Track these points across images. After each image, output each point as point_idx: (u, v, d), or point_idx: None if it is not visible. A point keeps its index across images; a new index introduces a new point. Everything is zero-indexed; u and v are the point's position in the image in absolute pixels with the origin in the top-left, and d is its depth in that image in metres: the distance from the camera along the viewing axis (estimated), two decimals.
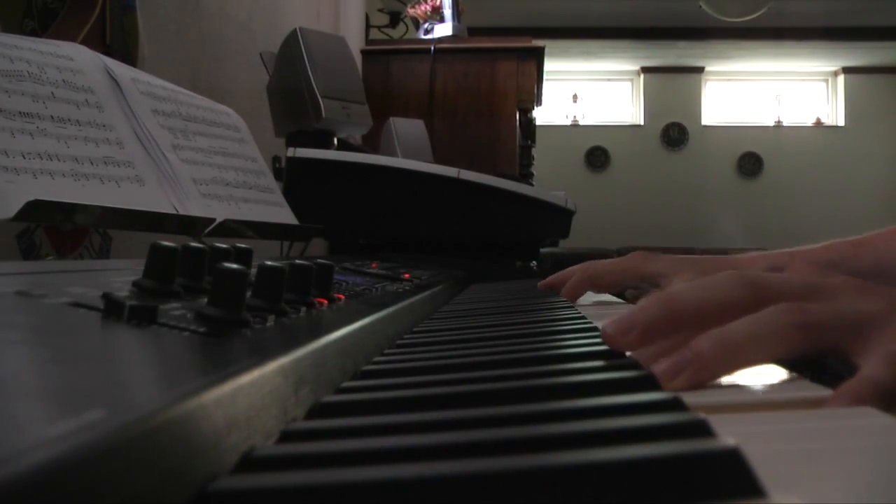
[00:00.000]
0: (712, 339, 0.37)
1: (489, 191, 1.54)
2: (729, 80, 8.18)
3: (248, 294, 0.37)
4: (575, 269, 0.88)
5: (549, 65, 3.95)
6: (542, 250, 1.71)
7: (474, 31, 4.02)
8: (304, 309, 0.44)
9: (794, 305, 0.39)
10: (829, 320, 0.39)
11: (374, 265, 0.98)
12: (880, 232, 0.79)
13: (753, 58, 7.73)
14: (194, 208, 0.87)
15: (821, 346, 0.38)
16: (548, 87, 4.45)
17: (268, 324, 0.37)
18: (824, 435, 0.27)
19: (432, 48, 3.32)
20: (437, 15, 3.63)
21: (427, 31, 3.59)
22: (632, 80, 8.19)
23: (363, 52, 3.32)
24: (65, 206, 0.68)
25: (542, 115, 5.53)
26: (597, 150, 8.00)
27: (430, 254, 1.46)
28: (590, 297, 0.93)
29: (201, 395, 0.22)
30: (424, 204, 1.55)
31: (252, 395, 0.26)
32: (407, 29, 3.87)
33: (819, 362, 0.48)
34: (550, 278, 0.96)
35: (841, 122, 8.07)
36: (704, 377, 0.36)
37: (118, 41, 1.26)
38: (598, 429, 0.24)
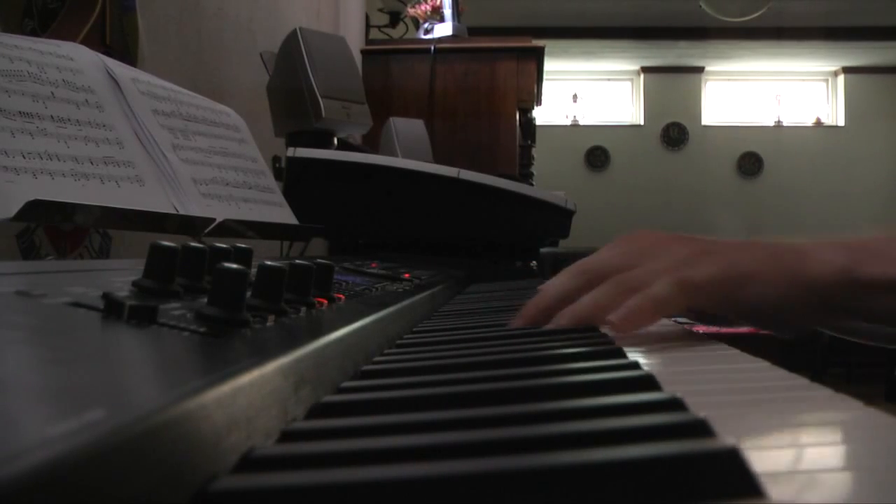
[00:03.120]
0: (567, 313, 0.55)
1: (489, 191, 1.54)
2: (729, 80, 8.18)
3: (248, 294, 0.37)
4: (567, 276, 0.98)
5: (549, 65, 3.95)
6: (542, 250, 1.71)
7: (474, 31, 4.02)
8: (304, 309, 0.44)
9: (613, 280, 0.55)
10: (638, 278, 0.54)
11: (374, 265, 0.98)
12: None
13: (753, 58, 7.73)
14: (194, 208, 0.87)
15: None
16: (548, 87, 4.45)
17: (268, 324, 0.37)
18: (823, 434, 0.27)
19: (432, 48, 3.32)
20: (437, 15, 3.62)
21: (427, 31, 3.59)
22: (632, 79, 8.19)
23: (363, 52, 3.32)
24: (65, 206, 0.68)
25: (542, 115, 5.53)
26: (597, 150, 8.00)
27: (430, 254, 1.46)
28: None
29: (201, 395, 0.22)
30: (424, 204, 1.55)
31: (252, 395, 0.26)
32: (407, 29, 3.87)
33: (818, 362, 0.49)
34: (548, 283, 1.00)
35: (841, 122, 8.07)
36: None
37: (118, 41, 1.26)
38: (598, 429, 0.24)
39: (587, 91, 8.13)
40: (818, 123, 8.12)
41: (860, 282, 0.54)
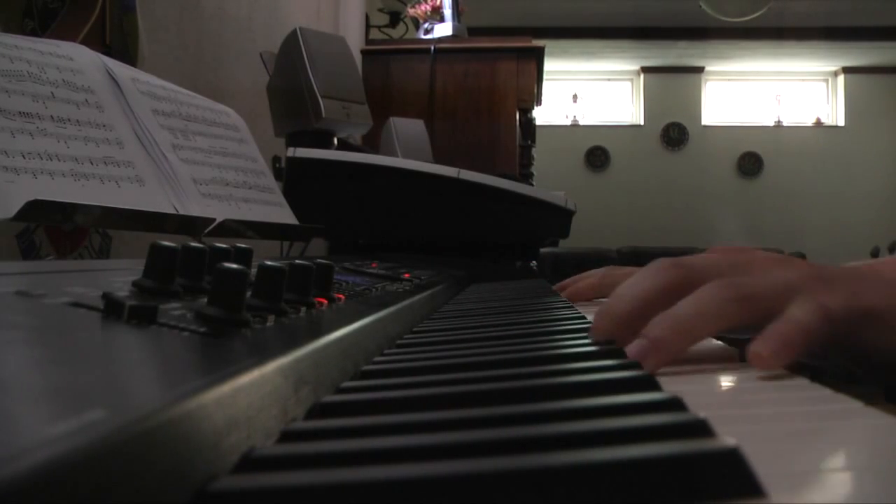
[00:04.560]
0: (664, 324, 0.42)
1: (489, 191, 1.54)
2: (729, 80, 8.18)
3: (248, 294, 0.37)
4: (596, 273, 0.90)
5: (549, 65, 3.95)
6: (542, 250, 1.71)
7: (474, 31, 4.02)
8: (304, 309, 0.44)
9: (727, 281, 0.44)
10: (760, 290, 0.43)
11: (374, 265, 0.98)
12: None
13: (753, 58, 7.73)
14: (194, 208, 0.87)
15: (758, 315, 0.42)
16: (548, 87, 4.45)
17: (268, 324, 0.37)
18: (823, 435, 0.27)
19: (432, 48, 3.32)
20: (437, 15, 3.63)
21: (427, 31, 3.59)
22: (632, 80, 8.19)
23: (363, 52, 3.32)
24: (65, 206, 0.68)
25: (542, 115, 5.53)
26: (597, 150, 8.00)
27: (430, 254, 1.46)
28: None
29: (201, 395, 0.22)
30: (424, 204, 1.55)
31: (252, 395, 0.26)
32: (407, 29, 3.87)
33: (818, 362, 0.48)
34: (566, 282, 0.98)
35: (841, 122, 8.07)
36: (666, 358, 0.41)
37: (118, 41, 1.26)
38: (598, 429, 0.24)
39: (587, 91, 8.13)
40: (818, 123, 8.12)
41: None
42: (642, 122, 8.08)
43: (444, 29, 3.55)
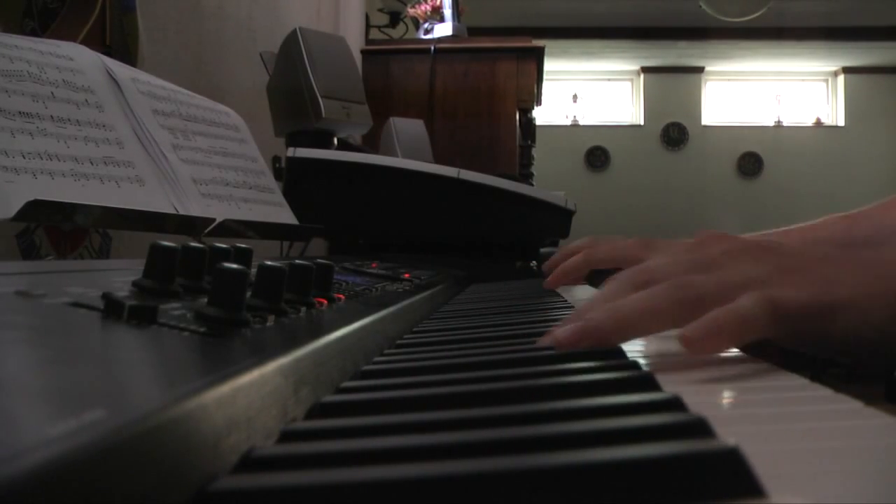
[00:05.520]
0: (606, 311, 0.43)
1: (489, 191, 1.54)
2: (729, 80, 8.18)
3: (248, 294, 0.37)
4: (578, 247, 0.86)
5: (549, 65, 3.95)
6: (542, 250, 1.70)
7: (474, 31, 4.02)
8: (304, 309, 0.44)
9: (679, 282, 0.45)
10: (711, 291, 0.44)
11: (374, 265, 0.98)
12: (880, 202, 0.79)
13: (753, 58, 7.73)
14: (194, 208, 0.87)
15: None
16: (548, 87, 4.45)
17: (268, 324, 0.37)
18: (823, 435, 0.27)
19: (432, 48, 3.32)
20: (437, 15, 3.63)
21: (427, 31, 3.59)
22: (632, 80, 8.19)
23: (363, 52, 3.32)
24: (65, 206, 0.68)
25: (542, 115, 5.53)
26: (597, 150, 8.00)
27: (430, 254, 1.46)
28: (588, 291, 0.93)
29: (201, 395, 0.22)
30: (424, 204, 1.55)
31: (252, 395, 0.26)
32: (407, 29, 3.87)
33: (818, 362, 0.48)
34: (554, 258, 0.93)
35: (841, 122, 8.07)
36: (603, 344, 0.42)
37: (118, 41, 1.26)
38: (598, 429, 0.24)
39: (587, 91, 8.13)
40: (818, 123, 8.12)
41: None
42: (642, 122, 8.08)
43: (444, 29, 3.55)
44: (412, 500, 0.20)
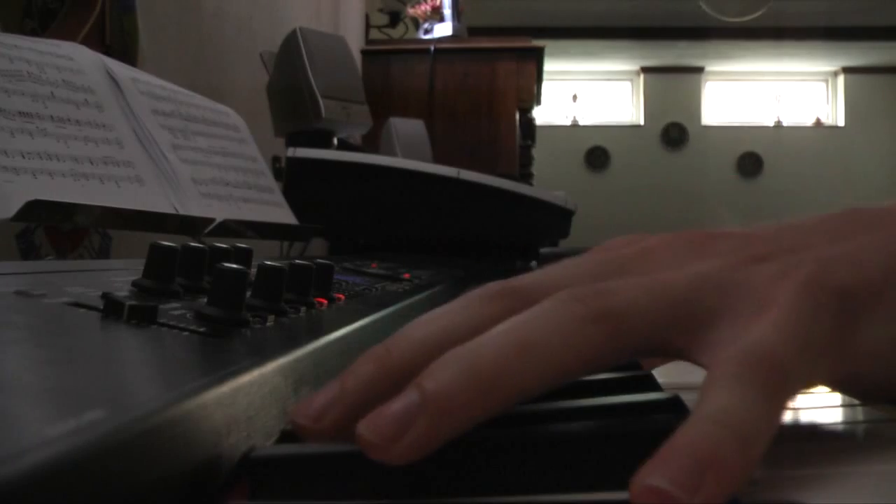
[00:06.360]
0: (454, 366, 0.23)
1: (489, 191, 1.54)
2: (729, 80, 8.18)
3: (248, 294, 0.37)
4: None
5: (549, 65, 3.95)
6: (542, 250, 1.70)
7: (474, 31, 4.02)
8: (304, 309, 0.44)
9: (575, 292, 0.26)
10: (630, 302, 0.26)
11: (374, 265, 0.98)
12: None
13: (753, 58, 7.73)
14: (194, 208, 0.87)
15: (632, 342, 0.26)
16: (548, 87, 4.45)
17: (268, 324, 0.37)
18: (823, 435, 0.27)
19: (432, 48, 3.32)
20: (437, 15, 3.63)
21: (427, 31, 3.59)
22: (631, 80, 8.19)
23: (363, 52, 3.32)
24: (65, 206, 0.68)
25: (542, 115, 5.53)
26: (597, 150, 8.00)
27: (430, 254, 1.46)
28: None
29: (201, 395, 0.22)
30: (424, 204, 1.55)
31: (252, 395, 0.26)
32: (407, 29, 3.87)
33: None
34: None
35: (841, 123, 8.07)
36: (448, 424, 0.22)
37: (118, 41, 1.26)
38: (598, 429, 0.24)
39: (587, 91, 8.13)
40: (818, 124, 8.12)
41: None
42: (642, 122, 8.08)
43: (443, 29, 3.55)
44: (411, 499, 0.20)
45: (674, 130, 8.02)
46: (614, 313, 0.25)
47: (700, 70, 8.04)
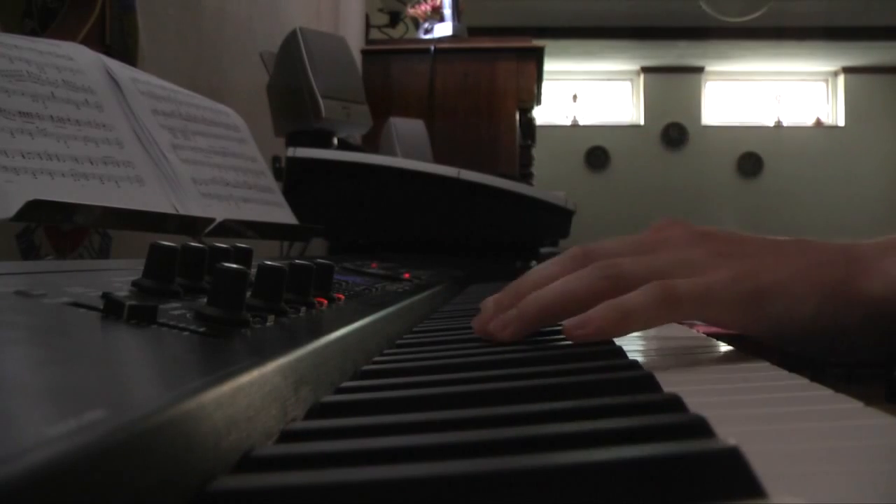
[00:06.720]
0: (533, 299, 0.48)
1: (489, 191, 1.54)
2: (729, 80, 8.18)
3: (248, 294, 0.37)
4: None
5: (549, 65, 3.95)
6: (542, 250, 1.71)
7: (474, 31, 4.02)
8: (304, 309, 0.44)
9: (607, 262, 0.47)
10: (641, 272, 0.46)
11: (374, 265, 0.98)
12: None
13: (753, 58, 7.73)
14: (194, 208, 0.87)
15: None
16: (548, 87, 4.45)
17: (268, 324, 0.37)
18: (823, 435, 0.27)
19: (432, 48, 3.32)
20: (437, 15, 3.63)
21: (427, 31, 3.59)
22: (632, 79, 8.19)
23: (363, 52, 3.32)
24: (65, 206, 0.68)
25: (542, 115, 5.53)
26: (597, 150, 8.00)
27: (430, 254, 1.46)
28: None
29: (201, 395, 0.22)
30: (424, 204, 1.55)
31: (252, 395, 0.26)
32: (407, 29, 3.87)
33: (818, 362, 0.48)
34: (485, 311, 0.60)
35: (841, 123, 8.07)
36: (528, 330, 0.48)
37: (118, 41, 1.26)
38: (598, 429, 0.24)
39: (587, 91, 8.13)
40: (818, 124, 8.12)
41: None
42: (642, 122, 8.08)
43: (444, 29, 3.55)
44: (412, 500, 0.20)
45: (674, 130, 8.02)
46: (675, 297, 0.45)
47: (700, 70, 8.04)
